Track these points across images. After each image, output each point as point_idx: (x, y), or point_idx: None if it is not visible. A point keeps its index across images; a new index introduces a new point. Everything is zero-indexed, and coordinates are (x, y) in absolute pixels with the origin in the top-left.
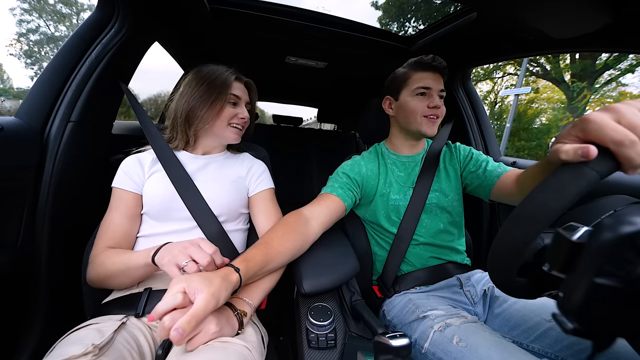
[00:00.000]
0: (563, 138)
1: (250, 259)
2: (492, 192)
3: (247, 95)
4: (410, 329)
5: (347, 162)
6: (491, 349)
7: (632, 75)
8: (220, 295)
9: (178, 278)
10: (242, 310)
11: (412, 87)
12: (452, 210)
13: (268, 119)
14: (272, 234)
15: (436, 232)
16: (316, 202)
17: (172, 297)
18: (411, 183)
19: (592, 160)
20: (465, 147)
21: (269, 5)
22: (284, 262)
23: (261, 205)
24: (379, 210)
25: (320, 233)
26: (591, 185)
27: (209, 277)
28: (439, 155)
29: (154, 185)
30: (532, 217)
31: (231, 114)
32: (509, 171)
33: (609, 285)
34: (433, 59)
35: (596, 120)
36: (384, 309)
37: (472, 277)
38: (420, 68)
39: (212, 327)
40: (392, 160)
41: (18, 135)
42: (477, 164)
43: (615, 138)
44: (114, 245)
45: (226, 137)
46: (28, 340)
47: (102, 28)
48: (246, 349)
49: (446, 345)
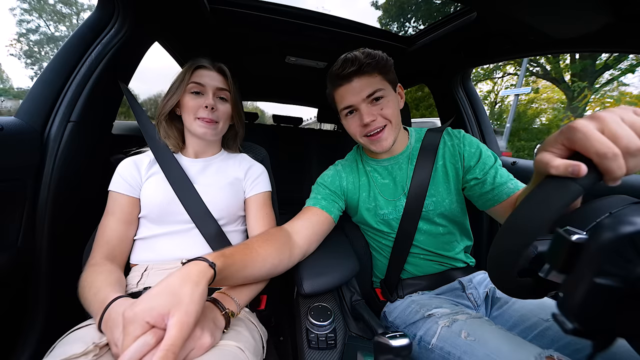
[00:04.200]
0: (550, 146)
1: (229, 256)
2: (493, 209)
3: (218, 82)
4: (414, 328)
5: (327, 173)
6: (501, 341)
7: (633, 75)
8: (194, 308)
9: (137, 313)
10: (230, 309)
11: (339, 109)
12: (452, 215)
13: (268, 119)
14: (253, 239)
15: (437, 240)
16: (298, 217)
17: (140, 343)
18: (401, 192)
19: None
20: (472, 141)
21: (269, 5)
22: (265, 269)
23: (254, 209)
24: (370, 222)
25: (305, 247)
26: (575, 197)
27: (175, 291)
28: (436, 151)
29: (152, 188)
30: (521, 228)
31: (194, 105)
32: (519, 190)
33: (609, 285)
34: (342, 66)
35: (582, 130)
36: (385, 311)
37: (474, 279)
38: (336, 83)
39: (205, 340)
40: (372, 167)
41: (18, 135)
42: (484, 171)
43: (600, 150)
44: (110, 250)
45: (196, 132)
46: (28, 340)
47: (102, 28)
48: (239, 349)
49: (454, 340)
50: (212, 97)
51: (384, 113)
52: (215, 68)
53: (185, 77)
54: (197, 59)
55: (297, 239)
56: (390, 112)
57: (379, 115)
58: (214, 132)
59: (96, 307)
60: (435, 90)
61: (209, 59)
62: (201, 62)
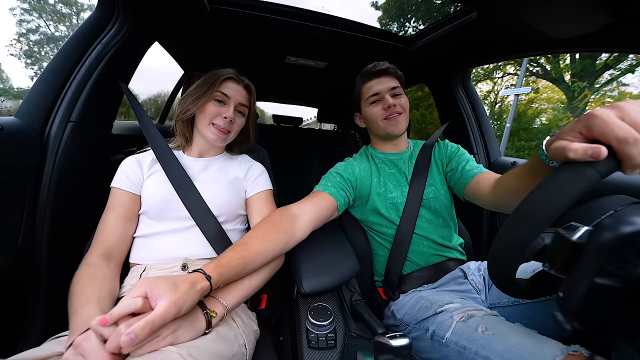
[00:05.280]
0: (566, 134)
1: (226, 264)
2: (465, 191)
3: (242, 97)
4: (426, 323)
5: (340, 163)
6: (522, 337)
7: (632, 75)
8: (183, 303)
9: (143, 280)
10: (213, 310)
11: (365, 98)
12: (446, 204)
13: (268, 119)
14: (253, 233)
15: (437, 229)
16: (306, 199)
17: (131, 301)
18: (404, 180)
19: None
20: (453, 145)
21: (269, 5)
22: (265, 262)
23: (257, 207)
24: (378, 208)
25: (308, 230)
26: (592, 184)
27: (176, 283)
28: (431, 151)
29: (153, 185)
30: (533, 215)
31: (214, 112)
32: (485, 173)
33: (609, 285)
34: (374, 65)
35: (601, 116)
36: (393, 309)
37: (471, 266)
38: (366, 78)
39: (165, 332)
40: (380, 159)
41: (18, 135)
42: (457, 162)
43: (620, 135)
44: (108, 248)
45: (207, 136)
46: (28, 340)
47: (102, 28)
48: (180, 356)
49: (471, 334)
50: (232, 110)
51: (401, 103)
52: (243, 84)
53: (213, 85)
54: (225, 70)
55: (301, 221)
56: (405, 105)
57: (398, 104)
58: (224, 140)
59: (77, 323)
60: (435, 90)
61: (236, 71)
62: (230, 74)
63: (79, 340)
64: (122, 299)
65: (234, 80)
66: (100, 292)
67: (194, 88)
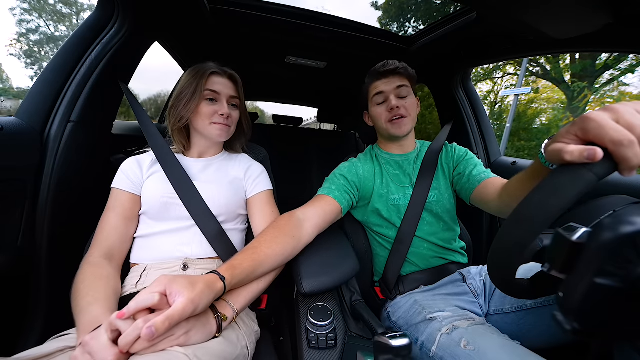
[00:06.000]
0: (562, 137)
1: (238, 266)
2: (472, 197)
3: (230, 90)
4: (417, 331)
5: (344, 164)
6: (500, 352)
7: (633, 75)
8: (200, 302)
9: (162, 277)
10: (223, 314)
11: (371, 97)
12: (450, 208)
13: (268, 119)
14: (261, 237)
15: (439, 233)
16: (311, 204)
17: (149, 296)
18: (409, 182)
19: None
20: (461, 149)
21: (268, 5)
22: (274, 266)
23: (258, 207)
24: (380, 209)
25: (314, 235)
26: (589, 186)
27: (193, 282)
28: (438, 154)
29: (153, 185)
30: (531, 218)
31: (210, 112)
32: (492, 178)
33: (609, 285)
34: (383, 65)
35: (596, 119)
36: (389, 311)
37: (471, 271)
38: (374, 77)
39: (178, 332)
40: (385, 160)
41: (18, 135)
42: (465, 167)
43: (615, 137)
44: (108, 248)
45: (211, 135)
46: (29, 340)
47: (102, 28)
48: (186, 357)
49: (454, 349)
50: (226, 105)
51: (407, 106)
52: (227, 75)
53: (199, 84)
54: (205, 64)
55: (307, 226)
56: (411, 107)
57: (403, 106)
58: (228, 134)
59: (85, 322)
60: (435, 90)
61: (217, 64)
62: (212, 69)
63: (87, 338)
64: (139, 293)
65: (219, 74)
66: (106, 291)
67: (180, 91)
